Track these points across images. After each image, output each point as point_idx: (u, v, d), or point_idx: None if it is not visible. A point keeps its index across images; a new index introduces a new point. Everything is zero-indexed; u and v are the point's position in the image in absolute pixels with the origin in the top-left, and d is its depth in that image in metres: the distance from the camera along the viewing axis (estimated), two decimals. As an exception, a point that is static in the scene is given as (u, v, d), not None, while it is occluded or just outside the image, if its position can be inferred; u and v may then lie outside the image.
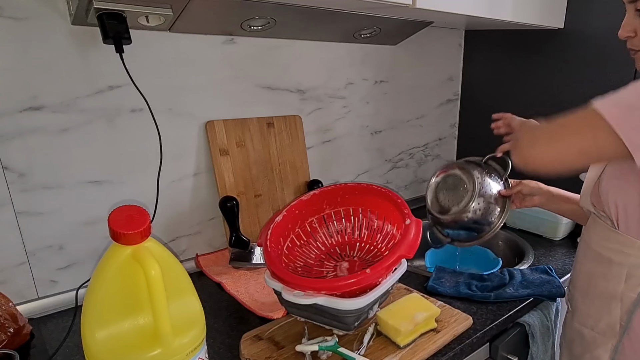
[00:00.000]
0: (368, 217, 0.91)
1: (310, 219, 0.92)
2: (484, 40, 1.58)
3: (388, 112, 1.49)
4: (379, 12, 1.08)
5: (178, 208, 1.08)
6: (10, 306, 0.81)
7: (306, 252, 0.90)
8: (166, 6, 0.85)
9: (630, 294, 0.75)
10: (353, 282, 0.71)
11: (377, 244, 0.90)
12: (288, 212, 0.88)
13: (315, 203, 0.92)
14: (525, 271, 1.05)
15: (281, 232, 0.86)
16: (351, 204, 0.92)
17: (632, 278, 0.75)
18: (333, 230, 0.93)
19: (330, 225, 0.93)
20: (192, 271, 1.11)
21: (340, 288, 0.71)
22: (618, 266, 0.76)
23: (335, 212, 0.93)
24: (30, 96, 0.84)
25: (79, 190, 0.93)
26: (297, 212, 0.90)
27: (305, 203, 0.91)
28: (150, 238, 0.56)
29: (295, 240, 0.89)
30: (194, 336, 0.60)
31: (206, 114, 1.08)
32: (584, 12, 1.30)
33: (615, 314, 0.77)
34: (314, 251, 0.91)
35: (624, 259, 0.76)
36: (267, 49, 1.15)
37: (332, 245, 0.93)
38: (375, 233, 0.90)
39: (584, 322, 0.83)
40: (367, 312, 0.75)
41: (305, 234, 0.91)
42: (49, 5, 0.83)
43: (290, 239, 0.88)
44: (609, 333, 0.78)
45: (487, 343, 0.91)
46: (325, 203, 0.92)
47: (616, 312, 0.77)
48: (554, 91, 1.41)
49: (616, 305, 0.77)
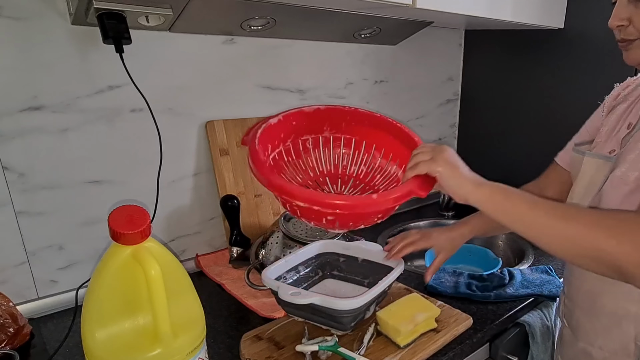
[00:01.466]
0: (371, 153, 0.80)
1: (305, 137, 0.80)
2: (484, 40, 1.58)
3: (388, 112, 1.48)
4: (379, 12, 1.08)
5: (178, 208, 1.08)
6: (10, 306, 0.81)
7: (292, 172, 0.79)
8: (166, 6, 0.85)
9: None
10: (347, 204, 0.63)
11: (374, 185, 0.80)
12: (284, 118, 0.76)
13: (316, 120, 0.80)
14: (525, 271, 1.05)
15: (271, 138, 0.75)
16: (356, 133, 0.80)
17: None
18: (327, 158, 0.81)
19: (325, 151, 0.81)
20: (192, 271, 1.11)
21: (332, 206, 0.62)
22: (627, 284, 0.67)
23: (335, 137, 0.81)
24: (30, 96, 0.84)
25: (79, 190, 0.93)
26: (294, 124, 0.77)
27: (305, 116, 0.78)
28: (150, 238, 0.56)
29: (284, 154, 0.77)
30: (194, 336, 0.60)
31: (206, 114, 1.08)
32: (584, 12, 1.30)
33: (628, 333, 0.72)
34: (300, 174, 0.80)
35: None
36: (267, 49, 1.15)
37: (322, 173, 0.81)
38: (375, 172, 0.80)
39: (591, 342, 0.78)
40: (364, 312, 0.75)
41: (296, 151, 0.79)
42: (49, 5, 0.83)
43: (279, 151, 0.76)
44: (621, 352, 0.73)
45: (487, 343, 0.91)
46: (327, 124, 0.80)
47: (629, 331, 0.72)
48: (554, 91, 1.41)
49: (628, 324, 0.71)
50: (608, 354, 0.75)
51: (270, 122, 0.74)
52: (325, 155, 0.81)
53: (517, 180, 1.58)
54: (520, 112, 1.52)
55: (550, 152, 0.92)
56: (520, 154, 1.52)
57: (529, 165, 1.51)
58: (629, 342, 0.72)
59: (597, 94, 0.69)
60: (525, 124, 1.50)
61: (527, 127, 1.49)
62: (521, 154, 1.52)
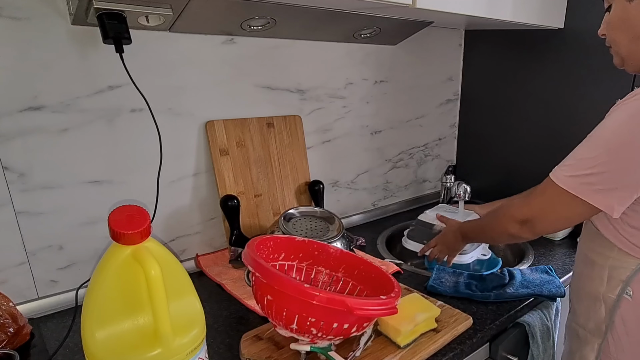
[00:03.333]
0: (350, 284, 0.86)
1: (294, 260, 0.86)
2: (484, 40, 1.58)
3: (388, 112, 1.49)
4: (379, 12, 1.08)
5: (178, 208, 1.08)
6: (10, 306, 0.81)
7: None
8: (166, 6, 0.85)
9: (610, 295, 0.78)
10: None
11: None
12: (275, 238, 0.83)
13: (308, 253, 0.87)
14: (525, 271, 1.05)
15: (262, 244, 0.81)
16: (345, 274, 0.87)
17: (611, 279, 0.78)
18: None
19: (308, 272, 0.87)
20: (192, 271, 1.11)
21: None
22: (600, 268, 0.79)
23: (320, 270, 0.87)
24: (30, 96, 0.84)
25: (79, 190, 0.93)
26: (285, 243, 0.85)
27: (297, 245, 0.86)
28: (150, 238, 0.56)
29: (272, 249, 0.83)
30: (194, 336, 0.60)
31: (206, 114, 1.08)
32: (584, 12, 1.30)
33: (600, 314, 0.80)
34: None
35: (604, 261, 0.79)
36: (267, 49, 1.15)
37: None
38: None
39: (577, 322, 0.86)
40: None
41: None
42: (49, 5, 0.83)
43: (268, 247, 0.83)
44: (596, 333, 0.82)
45: (487, 343, 0.91)
46: (320, 263, 0.87)
47: (601, 313, 0.80)
48: (554, 91, 1.41)
49: (600, 305, 0.80)
50: (588, 333, 0.83)
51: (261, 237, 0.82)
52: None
53: (517, 180, 1.59)
54: (520, 112, 1.52)
55: (550, 152, 0.93)
56: (520, 154, 1.52)
57: (529, 165, 1.51)
58: (601, 323, 0.80)
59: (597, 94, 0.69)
60: (525, 124, 1.50)
61: (527, 127, 1.49)
62: (521, 154, 1.52)
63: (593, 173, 0.69)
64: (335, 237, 1.01)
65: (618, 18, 0.74)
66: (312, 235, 1.01)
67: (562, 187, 0.72)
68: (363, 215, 1.50)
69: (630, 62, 0.76)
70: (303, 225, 1.06)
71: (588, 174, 0.69)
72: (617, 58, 0.78)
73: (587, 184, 0.69)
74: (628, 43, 0.74)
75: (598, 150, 0.69)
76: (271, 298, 0.68)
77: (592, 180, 0.69)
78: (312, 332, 0.68)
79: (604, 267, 0.79)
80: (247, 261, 0.70)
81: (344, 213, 1.44)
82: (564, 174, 0.72)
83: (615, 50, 0.77)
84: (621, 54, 0.76)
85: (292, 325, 0.68)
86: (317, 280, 0.87)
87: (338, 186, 1.41)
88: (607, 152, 0.68)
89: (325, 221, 1.09)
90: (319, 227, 1.06)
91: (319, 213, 1.11)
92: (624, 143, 0.67)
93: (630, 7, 0.72)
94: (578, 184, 0.70)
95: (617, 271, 0.77)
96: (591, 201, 0.70)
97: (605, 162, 0.68)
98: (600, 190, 0.69)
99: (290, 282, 0.65)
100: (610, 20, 0.76)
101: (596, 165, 0.68)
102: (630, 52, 0.75)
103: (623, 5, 0.73)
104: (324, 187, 1.26)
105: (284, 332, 0.72)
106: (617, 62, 0.79)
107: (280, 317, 0.69)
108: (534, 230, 0.81)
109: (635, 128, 0.66)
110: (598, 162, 0.68)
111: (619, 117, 0.68)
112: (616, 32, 0.75)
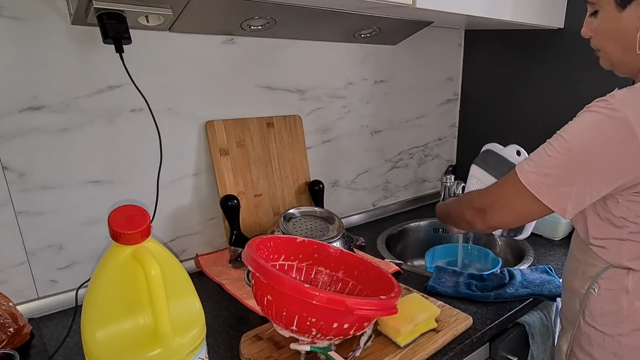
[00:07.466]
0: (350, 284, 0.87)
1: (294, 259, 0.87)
2: (484, 40, 1.58)
3: (388, 112, 1.49)
4: (379, 12, 1.08)
5: (178, 208, 1.08)
6: (10, 306, 0.81)
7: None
8: (166, 6, 0.85)
9: (581, 289, 0.80)
10: None
11: None
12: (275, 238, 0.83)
13: (307, 253, 0.87)
14: (525, 271, 1.05)
15: (262, 244, 0.82)
16: (345, 274, 0.87)
17: (583, 275, 0.80)
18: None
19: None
20: (192, 271, 1.11)
21: None
22: (577, 262, 0.82)
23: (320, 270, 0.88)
24: (30, 96, 0.84)
25: (79, 190, 0.93)
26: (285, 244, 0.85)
27: (297, 246, 0.86)
28: (150, 238, 0.56)
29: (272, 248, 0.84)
30: (194, 336, 0.60)
31: (206, 114, 1.08)
32: (584, 12, 1.29)
33: (575, 306, 0.82)
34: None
35: (582, 256, 0.81)
36: (267, 49, 1.15)
37: None
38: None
39: (562, 311, 0.89)
40: None
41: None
42: (49, 5, 0.83)
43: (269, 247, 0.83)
44: (572, 323, 0.84)
45: (487, 343, 0.91)
46: (320, 263, 0.88)
47: (576, 305, 0.82)
48: (554, 91, 1.41)
49: (575, 298, 0.82)
50: (568, 324, 0.85)
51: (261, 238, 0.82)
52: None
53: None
54: (520, 112, 1.52)
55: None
56: (520, 154, 1.52)
57: (529, 165, 1.51)
58: (577, 315, 0.82)
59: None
60: (525, 124, 1.50)
61: (527, 127, 1.49)
62: (521, 154, 1.52)
63: (551, 174, 0.68)
64: (335, 237, 1.01)
65: (609, 28, 0.72)
66: (312, 235, 1.01)
67: (522, 181, 0.70)
68: (363, 215, 1.50)
69: (620, 68, 0.75)
70: (303, 225, 1.06)
71: (547, 174, 0.68)
72: (605, 62, 0.77)
73: (545, 184, 0.69)
74: (621, 54, 0.72)
75: (560, 150, 0.68)
76: (271, 298, 0.68)
77: (550, 181, 0.68)
78: (312, 332, 0.68)
79: (581, 262, 0.80)
80: (247, 261, 0.70)
81: (344, 213, 1.44)
82: (527, 169, 0.71)
83: (606, 57, 0.76)
84: (611, 60, 0.75)
85: (292, 326, 0.68)
86: (317, 280, 0.87)
87: (338, 186, 1.41)
88: (567, 154, 0.67)
89: (325, 221, 1.09)
90: (318, 227, 1.06)
91: (318, 213, 1.11)
92: (585, 149, 0.66)
93: (622, 17, 0.69)
94: (537, 181, 0.69)
95: (589, 267, 0.78)
96: (545, 200, 0.69)
97: (564, 164, 0.67)
98: (556, 191, 0.68)
99: (290, 282, 0.65)
100: (599, 29, 0.74)
101: (555, 165, 0.68)
102: (622, 61, 0.74)
103: (614, 15, 0.70)
104: (323, 187, 1.26)
105: (284, 332, 0.72)
106: (605, 65, 0.78)
107: (280, 317, 0.69)
108: (486, 220, 0.79)
109: (598, 139, 0.65)
110: (558, 163, 0.68)
111: (586, 122, 0.67)
112: (607, 42, 0.73)
